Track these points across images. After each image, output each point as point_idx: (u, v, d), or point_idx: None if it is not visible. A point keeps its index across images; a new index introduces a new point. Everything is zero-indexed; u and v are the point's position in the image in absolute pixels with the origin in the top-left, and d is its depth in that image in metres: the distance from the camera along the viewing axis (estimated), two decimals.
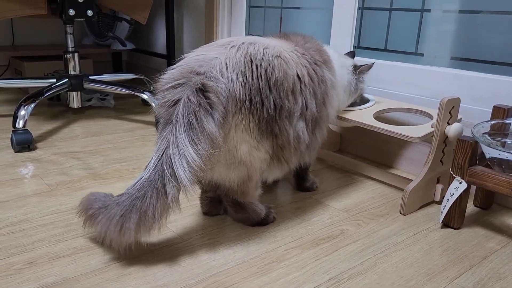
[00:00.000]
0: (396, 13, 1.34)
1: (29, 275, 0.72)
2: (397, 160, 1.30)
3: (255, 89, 0.79)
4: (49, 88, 1.52)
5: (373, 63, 1.11)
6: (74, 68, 1.62)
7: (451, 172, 0.92)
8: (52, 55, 2.11)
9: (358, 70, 1.09)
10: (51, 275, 0.72)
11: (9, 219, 0.90)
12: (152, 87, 1.94)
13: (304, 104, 0.87)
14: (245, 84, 0.78)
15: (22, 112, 1.35)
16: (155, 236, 0.85)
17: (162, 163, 0.72)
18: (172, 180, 0.72)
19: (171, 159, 0.72)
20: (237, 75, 0.78)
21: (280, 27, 1.77)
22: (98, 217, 0.74)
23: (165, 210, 0.73)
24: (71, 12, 1.46)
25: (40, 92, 1.47)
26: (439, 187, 1.04)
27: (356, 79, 1.09)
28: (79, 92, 1.65)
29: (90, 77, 1.67)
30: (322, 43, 1.03)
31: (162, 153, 0.73)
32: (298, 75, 0.86)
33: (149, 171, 0.73)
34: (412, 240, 0.89)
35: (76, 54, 1.61)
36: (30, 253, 0.78)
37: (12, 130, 1.31)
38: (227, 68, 0.78)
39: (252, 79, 0.79)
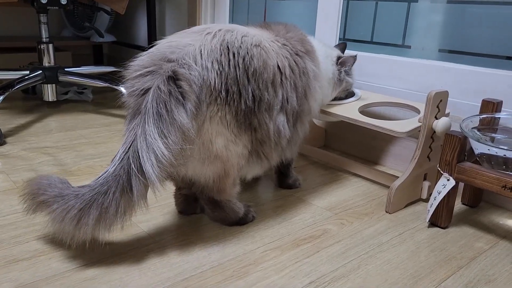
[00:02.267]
0: (382, 3, 1.30)
1: None
2: (384, 156, 1.26)
3: (232, 79, 0.74)
4: (20, 80, 1.44)
5: (355, 55, 1.06)
6: (48, 60, 1.55)
7: (439, 169, 0.88)
8: (28, 46, 2.03)
9: (339, 61, 1.04)
10: (6, 281, 0.66)
11: None
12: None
13: (285, 97, 0.82)
14: (220, 72, 0.73)
15: None
16: (123, 236, 0.79)
17: (128, 157, 0.67)
18: (139, 175, 0.66)
19: (138, 153, 0.67)
20: (212, 63, 0.72)
21: (265, 19, 1.71)
22: (52, 205, 0.67)
23: (129, 207, 0.68)
24: None
25: (10, 84, 1.39)
26: (426, 184, 1.00)
27: (338, 70, 1.04)
28: (54, 85, 1.58)
29: (66, 69, 1.60)
30: (306, 33, 0.98)
31: (129, 146, 0.68)
32: (278, 67, 0.81)
33: (114, 165, 0.68)
34: (397, 240, 0.84)
35: (50, 45, 1.54)
36: None
37: None
38: (201, 55, 0.72)
39: (229, 67, 0.74)
